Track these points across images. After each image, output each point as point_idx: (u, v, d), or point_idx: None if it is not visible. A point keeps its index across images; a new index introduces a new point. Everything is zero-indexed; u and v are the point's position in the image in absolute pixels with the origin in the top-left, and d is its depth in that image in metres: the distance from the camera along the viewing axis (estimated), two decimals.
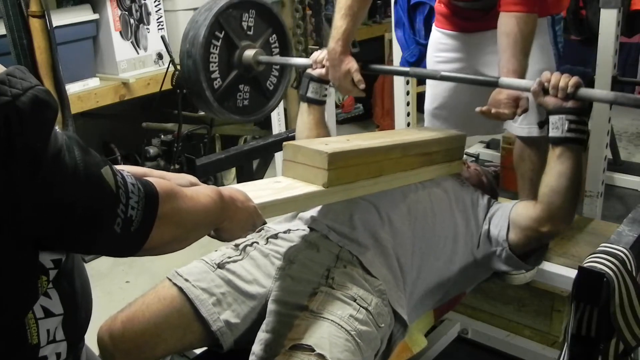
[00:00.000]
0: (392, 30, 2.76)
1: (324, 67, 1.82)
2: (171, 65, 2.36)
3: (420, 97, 2.78)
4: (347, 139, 1.63)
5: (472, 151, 3.51)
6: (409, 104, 3.03)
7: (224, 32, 1.96)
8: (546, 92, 1.46)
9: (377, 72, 2.08)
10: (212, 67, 1.96)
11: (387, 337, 1.41)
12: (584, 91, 1.44)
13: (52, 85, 2.15)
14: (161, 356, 1.45)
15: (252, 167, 2.53)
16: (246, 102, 2.11)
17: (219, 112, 2.02)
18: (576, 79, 1.44)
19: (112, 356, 1.40)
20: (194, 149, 3.27)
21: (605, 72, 2.47)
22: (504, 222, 1.62)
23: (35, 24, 2.09)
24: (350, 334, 1.30)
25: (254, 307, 1.47)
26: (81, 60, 2.99)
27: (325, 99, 1.90)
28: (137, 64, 3.17)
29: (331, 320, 1.31)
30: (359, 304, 1.36)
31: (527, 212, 1.58)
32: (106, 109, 3.14)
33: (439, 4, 2.08)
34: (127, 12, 3.10)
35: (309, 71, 1.87)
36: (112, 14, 3.03)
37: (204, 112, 2.18)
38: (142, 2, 3.15)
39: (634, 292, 1.21)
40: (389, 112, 4.44)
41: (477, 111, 1.63)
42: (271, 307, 1.40)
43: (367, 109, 4.99)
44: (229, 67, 2.01)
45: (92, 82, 3.02)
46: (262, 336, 1.36)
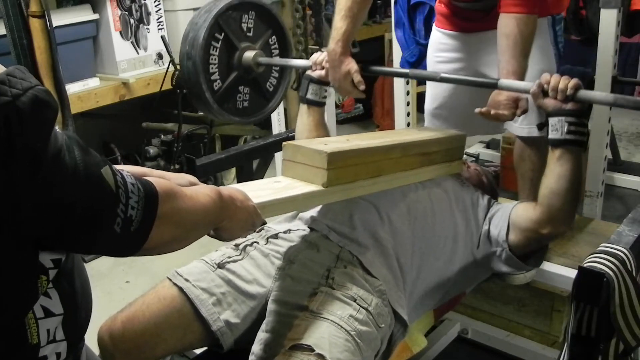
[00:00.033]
0: (392, 30, 2.75)
1: (323, 68, 1.82)
2: (171, 65, 2.35)
3: (420, 97, 2.78)
4: (347, 139, 1.63)
5: (472, 151, 3.51)
6: (409, 104, 3.02)
7: (223, 34, 1.96)
8: (545, 94, 1.46)
9: (377, 73, 2.08)
10: (212, 68, 1.96)
11: (387, 338, 1.41)
12: (583, 93, 1.44)
13: (52, 85, 2.15)
14: (161, 356, 1.45)
15: (252, 167, 2.53)
16: (246, 104, 2.11)
17: (219, 114, 2.02)
18: (575, 81, 1.43)
19: (112, 356, 1.40)
20: (194, 149, 3.26)
21: (605, 72, 2.47)
22: (504, 223, 1.62)
23: (35, 24, 2.09)
24: (350, 334, 1.30)
25: (254, 307, 1.47)
26: (81, 60, 2.98)
27: (324, 101, 1.90)
28: (137, 64, 3.17)
29: (331, 320, 1.31)
30: (359, 304, 1.36)
31: (527, 214, 1.58)
32: (106, 109, 3.14)
33: (439, 4, 2.09)
34: (127, 12, 3.10)
35: (309, 73, 1.87)
36: (112, 14, 3.03)
37: (204, 114, 2.18)
38: (142, 2, 3.15)
39: (634, 292, 1.21)
40: (389, 112, 4.44)
41: (476, 112, 1.63)
42: (271, 307, 1.40)
43: (367, 109, 4.99)
44: (229, 69, 2.01)
45: (92, 82, 3.02)
46: (262, 336, 1.36)
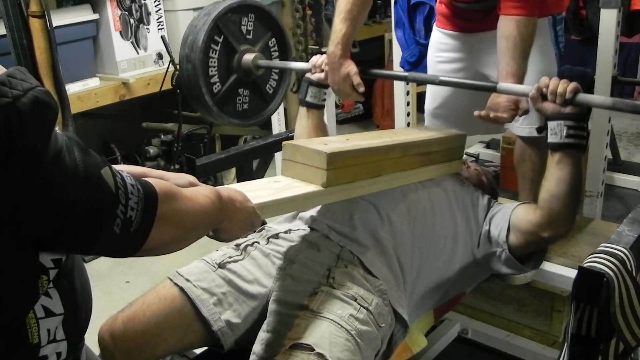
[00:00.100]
0: (392, 30, 2.75)
1: (322, 71, 1.82)
2: (171, 65, 2.35)
3: (420, 97, 2.78)
4: (347, 139, 1.63)
5: (472, 151, 3.51)
6: (409, 104, 3.02)
7: (223, 37, 1.95)
8: (544, 97, 1.45)
9: (376, 76, 2.08)
10: (212, 71, 1.96)
11: (387, 337, 1.41)
12: (582, 97, 1.43)
13: (52, 85, 2.14)
14: (162, 356, 1.45)
15: (252, 167, 2.53)
16: (245, 106, 2.10)
17: (219, 117, 2.02)
18: (574, 85, 1.42)
19: (112, 356, 1.40)
20: (194, 149, 3.27)
21: (605, 72, 2.47)
22: (505, 224, 1.61)
23: (35, 24, 2.08)
24: (350, 334, 1.30)
25: (254, 307, 1.47)
26: (81, 60, 2.98)
27: (324, 103, 1.90)
28: (137, 64, 3.17)
29: (331, 319, 1.31)
30: (359, 304, 1.36)
31: (528, 217, 1.57)
32: (106, 109, 3.14)
33: (439, 5, 2.08)
34: (127, 12, 3.10)
35: (308, 75, 1.87)
36: (112, 14, 3.03)
37: (204, 116, 2.18)
38: (142, 2, 3.15)
39: (634, 292, 1.21)
40: (389, 112, 4.44)
41: (476, 115, 1.63)
42: (272, 306, 1.40)
43: (367, 109, 5.00)
44: (228, 72, 2.01)
45: (92, 82, 3.02)
46: (263, 336, 1.36)
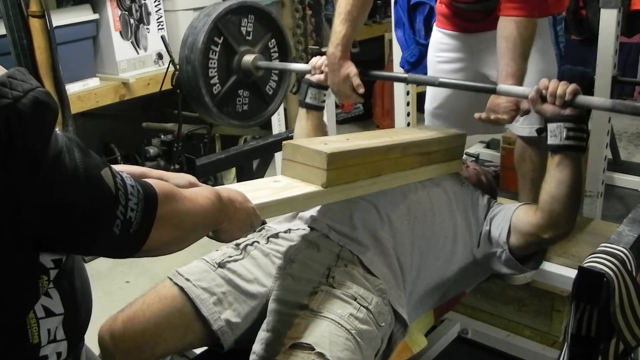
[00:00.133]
0: (392, 30, 2.76)
1: (322, 72, 1.82)
2: (171, 65, 2.35)
3: (420, 97, 2.78)
4: (347, 138, 1.63)
5: (472, 151, 3.51)
6: (409, 104, 3.02)
7: (222, 38, 1.95)
8: (544, 99, 1.45)
9: (376, 78, 2.07)
10: (211, 72, 1.96)
11: (387, 337, 1.41)
12: (581, 98, 1.43)
13: (52, 85, 2.14)
14: (162, 356, 1.45)
15: (252, 167, 2.53)
16: (245, 107, 2.10)
17: (218, 118, 2.01)
18: (574, 87, 1.42)
19: (112, 356, 1.40)
20: (194, 149, 3.26)
21: (605, 72, 2.47)
22: (505, 225, 1.61)
23: (35, 24, 2.08)
24: (350, 333, 1.30)
25: (254, 306, 1.47)
26: (81, 60, 2.98)
27: (323, 105, 1.90)
28: (137, 64, 3.17)
29: (331, 319, 1.31)
30: (359, 303, 1.36)
31: (528, 219, 1.57)
32: (106, 109, 3.14)
33: (440, 5, 2.08)
34: (127, 12, 3.10)
35: (308, 77, 1.87)
36: (112, 14, 3.03)
37: (204, 117, 2.18)
38: (142, 2, 3.15)
39: (634, 292, 1.21)
40: (389, 112, 4.43)
41: (476, 118, 1.63)
42: (272, 306, 1.40)
43: (367, 109, 4.99)
44: (228, 73, 2.00)
45: (92, 82, 3.02)
46: (263, 335, 1.36)
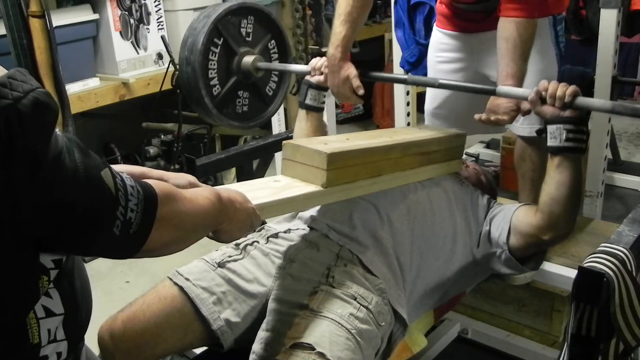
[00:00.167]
0: (392, 30, 2.76)
1: (322, 74, 1.82)
2: (171, 65, 2.35)
3: (420, 97, 2.78)
4: (347, 138, 1.63)
5: (472, 151, 3.52)
6: (409, 104, 3.02)
7: (222, 39, 1.95)
8: (544, 101, 1.45)
9: (376, 79, 2.06)
10: (211, 73, 1.95)
11: (387, 336, 1.41)
12: (581, 100, 1.43)
13: (52, 85, 2.14)
14: (161, 356, 1.45)
15: (252, 167, 2.52)
16: (245, 108, 2.10)
17: (218, 119, 2.01)
18: (573, 88, 1.42)
19: (112, 356, 1.40)
20: (194, 149, 3.26)
21: (605, 72, 2.47)
22: (505, 225, 1.62)
23: (35, 24, 2.08)
24: (350, 333, 1.30)
25: (254, 306, 1.47)
26: (81, 60, 2.98)
27: (323, 106, 1.90)
28: (137, 64, 3.17)
29: (331, 318, 1.31)
30: (359, 303, 1.36)
31: (528, 220, 1.57)
32: (106, 109, 3.14)
33: (440, 5, 2.08)
34: (127, 12, 3.10)
35: (308, 78, 1.87)
36: (112, 14, 3.03)
37: (204, 119, 2.18)
38: (142, 2, 3.15)
39: (634, 292, 1.21)
40: (389, 112, 4.43)
41: (476, 119, 1.63)
42: (271, 305, 1.40)
43: (367, 109, 4.99)
44: (228, 74, 2.00)
45: (92, 82, 3.02)
46: (263, 335, 1.36)
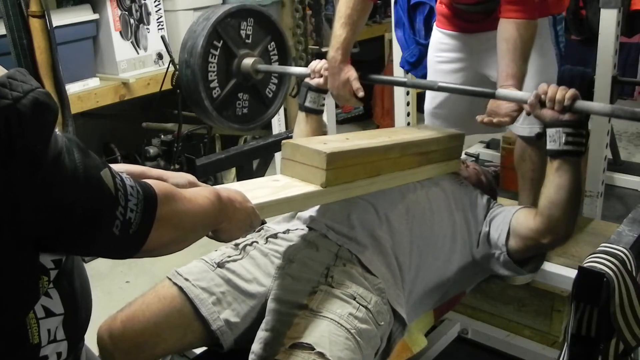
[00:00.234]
0: (392, 30, 2.76)
1: (322, 76, 1.82)
2: (171, 65, 2.35)
3: (420, 97, 2.78)
4: (346, 138, 1.63)
5: (472, 151, 3.51)
6: (409, 104, 3.02)
7: (222, 41, 1.95)
8: (543, 104, 1.45)
9: (376, 82, 2.05)
10: (211, 76, 1.95)
11: (386, 336, 1.41)
12: (580, 104, 1.43)
13: (52, 85, 2.15)
14: (161, 356, 1.45)
15: (252, 167, 2.52)
16: (245, 111, 2.10)
17: (218, 121, 2.01)
18: (573, 92, 1.42)
19: (111, 356, 1.40)
20: (194, 149, 3.27)
21: (605, 72, 2.47)
22: (505, 227, 1.61)
23: (35, 24, 2.09)
24: (350, 332, 1.30)
25: (253, 306, 1.47)
26: (81, 60, 2.99)
27: (322, 109, 1.90)
28: (137, 64, 3.17)
29: (331, 318, 1.31)
30: (358, 302, 1.36)
31: (527, 223, 1.57)
32: (106, 109, 3.14)
33: (440, 5, 2.08)
34: (127, 12, 3.10)
35: (307, 80, 1.87)
36: (112, 14, 3.04)
37: (204, 121, 2.18)
38: (142, 2, 3.15)
39: (634, 292, 1.21)
40: (389, 112, 4.44)
41: (478, 121, 1.63)
42: (271, 305, 1.40)
43: (367, 109, 4.99)
44: (228, 76, 2.00)
45: (92, 82, 3.02)
46: (262, 335, 1.36)
